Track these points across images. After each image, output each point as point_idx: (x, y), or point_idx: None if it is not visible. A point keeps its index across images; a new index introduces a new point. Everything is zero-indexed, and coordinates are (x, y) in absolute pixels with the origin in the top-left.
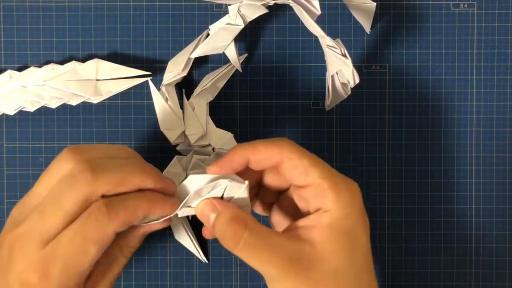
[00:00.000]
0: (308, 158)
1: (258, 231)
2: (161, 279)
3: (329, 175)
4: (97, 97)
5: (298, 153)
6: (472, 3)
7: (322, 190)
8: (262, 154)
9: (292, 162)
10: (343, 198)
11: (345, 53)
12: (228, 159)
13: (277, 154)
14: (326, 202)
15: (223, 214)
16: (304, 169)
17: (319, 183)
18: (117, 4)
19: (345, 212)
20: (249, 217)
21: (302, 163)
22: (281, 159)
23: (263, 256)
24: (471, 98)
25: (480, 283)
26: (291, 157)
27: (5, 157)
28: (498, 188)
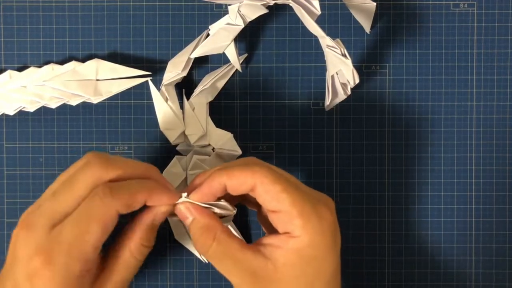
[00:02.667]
0: (280, 183)
1: (225, 244)
2: (161, 279)
3: (300, 202)
4: (97, 97)
5: (271, 178)
6: (472, 3)
7: (291, 217)
8: (237, 180)
9: (264, 186)
10: (312, 226)
11: (345, 53)
12: (207, 187)
13: (251, 178)
14: (295, 229)
15: (197, 222)
16: (276, 195)
17: (288, 210)
18: (117, 4)
19: (312, 240)
20: (220, 228)
21: (274, 188)
22: (254, 183)
23: (226, 266)
24: (470, 98)
25: (480, 283)
26: (264, 181)
27: (5, 157)
28: (498, 188)
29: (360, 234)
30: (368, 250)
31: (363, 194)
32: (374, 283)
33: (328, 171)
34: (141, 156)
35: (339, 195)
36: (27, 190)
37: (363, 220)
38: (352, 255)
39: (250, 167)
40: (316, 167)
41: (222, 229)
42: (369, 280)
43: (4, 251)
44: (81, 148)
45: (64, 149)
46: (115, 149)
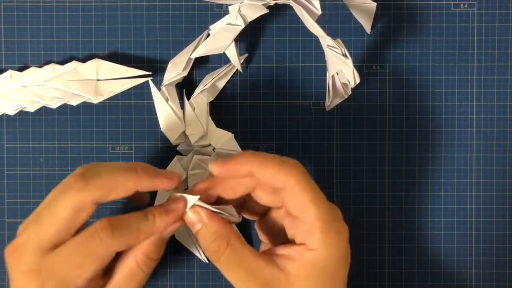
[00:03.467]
0: (310, 192)
1: (239, 252)
2: (161, 279)
3: (325, 216)
4: (98, 97)
5: (302, 185)
6: (472, 3)
7: (313, 229)
8: (269, 173)
9: (295, 192)
10: (330, 240)
11: (346, 53)
12: (234, 165)
13: (283, 179)
14: (314, 241)
15: (209, 227)
16: (303, 204)
17: (312, 222)
18: (117, 4)
19: (329, 255)
20: (233, 234)
21: (304, 196)
22: (284, 185)
23: (240, 276)
24: (471, 98)
25: (480, 283)
26: (295, 187)
27: (6, 157)
28: (498, 188)
29: (360, 234)
30: (368, 250)
31: (363, 194)
32: (374, 283)
33: (328, 171)
34: (141, 156)
35: (339, 195)
36: (28, 190)
37: (363, 220)
38: (352, 255)
39: (285, 167)
40: (316, 167)
41: (236, 235)
42: (369, 280)
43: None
44: (81, 148)
45: (65, 149)
46: (115, 149)
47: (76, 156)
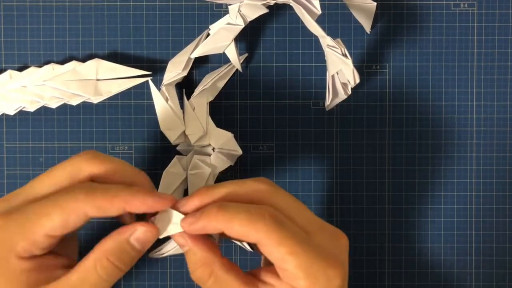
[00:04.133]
0: (286, 245)
1: (222, 281)
2: (161, 279)
3: (307, 264)
4: (97, 97)
5: (275, 239)
6: (472, 3)
7: (296, 278)
8: (237, 232)
9: (268, 248)
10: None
11: (346, 53)
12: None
13: (253, 236)
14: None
15: (193, 253)
16: (281, 257)
17: (294, 271)
18: (117, 4)
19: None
20: (217, 262)
21: (279, 251)
22: (257, 241)
23: None
24: (471, 98)
25: (480, 283)
26: (267, 243)
27: (5, 157)
28: (498, 188)
29: (360, 234)
30: (368, 250)
31: (363, 194)
32: (374, 283)
33: (329, 171)
34: (141, 156)
35: (339, 195)
36: None
37: (363, 220)
38: (352, 255)
39: (253, 222)
40: (316, 167)
41: (220, 263)
42: (369, 280)
43: None
44: (81, 148)
45: (64, 149)
46: (115, 149)
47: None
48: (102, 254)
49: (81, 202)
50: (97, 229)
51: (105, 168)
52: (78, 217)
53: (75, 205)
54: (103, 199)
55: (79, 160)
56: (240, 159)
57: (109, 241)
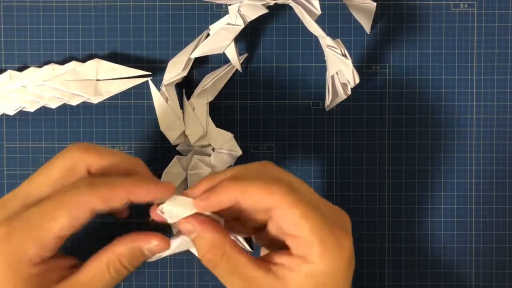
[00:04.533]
0: (300, 208)
1: (235, 261)
2: (161, 279)
3: (320, 229)
4: (97, 97)
5: (290, 202)
6: (472, 3)
7: (310, 243)
8: (252, 198)
9: (282, 211)
10: (330, 254)
11: (345, 53)
12: (215, 198)
13: (268, 200)
14: (312, 255)
15: (202, 237)
16: (295, 221)
17: (307, 237)
18: (117, 4)
19: (328, 268)
20: (228, 243)
21: (293, 213)
22: (271, 206)
23: (237, 285)
24: (471, 98)
25: (480, 283)
26: (282, 205)
27: (5, 157)
28: (498, 188)
29: (360, 234)
30: (368, 250)
31: (363, 194)
32: (374, 283)
33: (328, 171)
34: (141, 156)
35: (339, 195)
36: None
37: (363, 220)
38: None
39: (268, 186)
40: (316, 167)
41: (231, 243)
42: (369, 280)
43: None
44: None
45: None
46: (115, 149)
47: None
48: (116, 257)
49: (85, 195)
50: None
51: (101, 159)
52: (84, 213)
53: (80, 200)
54: (107, 190)
55: (73, 154)
56: (240, 159)
57: (123, 246)
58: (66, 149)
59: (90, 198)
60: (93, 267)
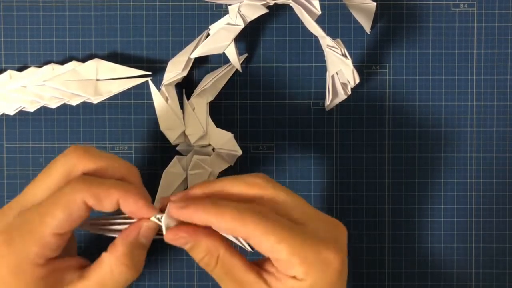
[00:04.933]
0: (275, 234)
1: (228, 265)
2: (161, 279)
3: (301, 249)
4: (97, 97)
5: (263, 230)
6: (472, 3)
7: (292, 265)
8: (226, 226)
9: (257, 239)
10: (315, 272)
11: (345, 53)
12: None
13: (242, 229)
14: (297, 274)
15: (197, 246)
16: (271, 247)
17: (288, 259)
18: (117, 4)
19: (315, 284)
20: (222, 247)
21: (268, 240)
22: (246, 234)
23: (229, 286)
24: (471, 98)
25: (480, 283)
26: (256, 234)
27: (5, 157)
28: (498, 188)
29: (360, 234)
30: (368, 250)
31: (363, 194)
32: (374, 283)
33: (328, 171)
34: (141, 156)
35: (339, 195)
36: None
37: (363, 220)
38: (352, 255)
39: (241, 215)
40: (316, 167)
41: (225, 247)
42: (369, 280)
43: None
44: None
45: (64, 149)
46: (115, 149)
47: None
48: (117, 260)
49: (79, 191)
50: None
51: (98, 164)
52: (79, 208)
53: (74, 196)
54: (100, 188)
55: (71, 158)
56: (240, 159)
57: (120, 246)
58: (64, 153)
59: (84, 194)
60: (97, 272)
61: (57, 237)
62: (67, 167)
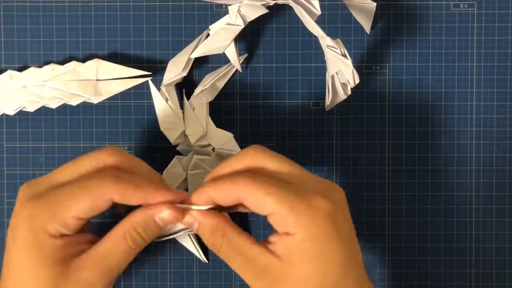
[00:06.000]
0: (262, 187)
1: (235, 242)
2: (161, 279)
3: (287, 199)
4: (97, 97)
5: (252, 185)
6: (472, 3)
7: (283, 216)
8: (223, 193)
9: (248, 195)
10: (305, 220)
11: (345, 53)
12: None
13: (235, 190)
14: (289, 227)
15: (204, 225)
16: (260, 200)
17: (277, 210)
18: (117, 4)
19: (308, 235)
20: (228, 226)
21: (257, 194)
22: (239, 196)
23: (239, 264)
24: (471, 98)
25: (480, 283)
26: (246, 190)
27: (5, 157)
28: (498, 188)
29: (360, 234)
30: (368, 250)
31: (363, 194)
32: (374, 283)
33: (328, 171)
34: (141, 156)
35: None
36: None
37: (363, 220)
38: None
39: (232, 178)
40: (316, 167)
41: (230, 226)
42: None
43: None
44: (81, 148)
45: (64, 149)
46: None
47: (76, 156)
48: (131, 225)
49: (110, 188)
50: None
51: (128, 164)
52: (105, 202)
53: (104, 191)
54: (129, 188)
55: (103, 154)
56: None
57: (138, 215)
58: (98, 150)
59: (113, 192)
60: (111, 237)
61: (78, 220)
62: (98, 160)
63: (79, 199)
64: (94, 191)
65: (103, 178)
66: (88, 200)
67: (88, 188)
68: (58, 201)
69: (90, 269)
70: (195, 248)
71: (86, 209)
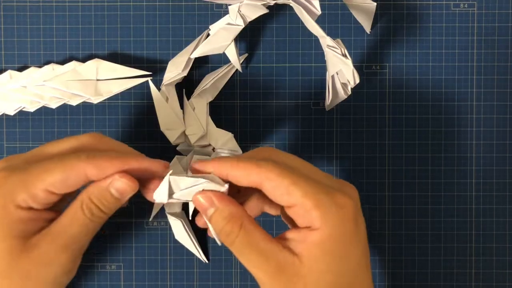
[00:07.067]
0: (289, 176)
1: (252, 234)
2: (161, 279)
3: (314, 192)
4: (97, 97)
5: (277, 172)
6: (472, 3)
7: (307, 209)
8: (241, 171)
9: (271, 182)
10: (330, 216)
11: (345, 53)
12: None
13: (256, 174)
14: (313, 221)
15: (221, 211)
16: (286, 189)
17: (302, 202)
18: (117, 4)
19: (333, 232)
20: (246, 217)
21: (282, 182)
22: (260, 180)
23: (253, 260)
24: (471, 98)
25: (480, 283)
26: (270, 177)
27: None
28: (498, 188)
29: None
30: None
31: (363, 194)
32: (374, 283)
33: (328, 171)
34: None
35: None
36: None
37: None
38: None
39: (257, 161)
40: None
41: (248, 217)
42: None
43: None
44: None
45: None
46: None
47: None
48: (87, 196)
49: (83, 161)
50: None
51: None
52: (78, 176)
53: (76, 164)
54: (103, 160)
55: (83, 137)
56: None
57: (92, 187)
58: (81, 135)
59: (87, 165)
60: (69, 210)
61: (47, 194)
62: (78, 142)
63: (51, 171)
64: (66, 164)
65: (77, 157)
66: (59, 173)
67: (61, 162)
68: (30, 173)
69: (49, 243)
70: (195, 248)
71: (57, 181)
